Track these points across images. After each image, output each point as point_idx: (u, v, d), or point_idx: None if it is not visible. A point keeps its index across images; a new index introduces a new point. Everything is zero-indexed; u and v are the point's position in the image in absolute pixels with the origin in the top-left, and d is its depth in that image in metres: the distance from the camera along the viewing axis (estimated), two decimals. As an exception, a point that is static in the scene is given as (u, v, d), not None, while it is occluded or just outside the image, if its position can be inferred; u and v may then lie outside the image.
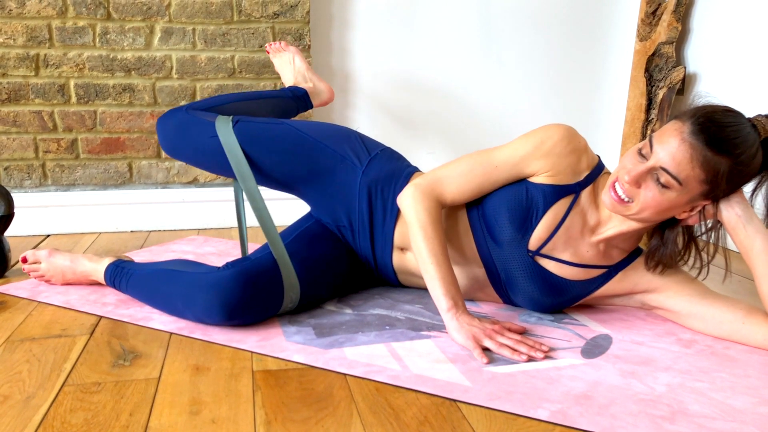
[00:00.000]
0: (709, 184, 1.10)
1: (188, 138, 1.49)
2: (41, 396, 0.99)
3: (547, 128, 1.26)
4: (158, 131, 1.55)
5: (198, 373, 1.08)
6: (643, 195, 1.14)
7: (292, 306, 1.32)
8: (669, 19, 2.18)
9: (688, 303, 1.25)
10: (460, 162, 1.31)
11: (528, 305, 1.34)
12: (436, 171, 1.32)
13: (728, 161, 1.08)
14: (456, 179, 1.30)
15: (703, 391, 1.01)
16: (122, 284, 1.41)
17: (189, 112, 1.52)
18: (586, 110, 2.54)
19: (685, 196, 1.12)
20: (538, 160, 1.25)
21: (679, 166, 1.09)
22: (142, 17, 2.06)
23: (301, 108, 1.81)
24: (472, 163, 1.30)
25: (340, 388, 1.02)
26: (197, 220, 2.20)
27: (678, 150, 1.09)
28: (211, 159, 1.48)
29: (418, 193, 1.28)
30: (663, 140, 1.11)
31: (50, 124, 2.07)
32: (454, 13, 2.35)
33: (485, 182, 1.29)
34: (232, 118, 1.47)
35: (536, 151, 1.25)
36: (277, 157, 1.44)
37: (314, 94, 1.84)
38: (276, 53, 1.96)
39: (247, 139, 1.44)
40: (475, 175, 1.29)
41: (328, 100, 1.89)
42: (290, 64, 1.91)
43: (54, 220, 2.10)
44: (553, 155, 1.24)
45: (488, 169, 1.28)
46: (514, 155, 1.27)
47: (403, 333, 1.24)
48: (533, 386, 1.02)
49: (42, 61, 2.03)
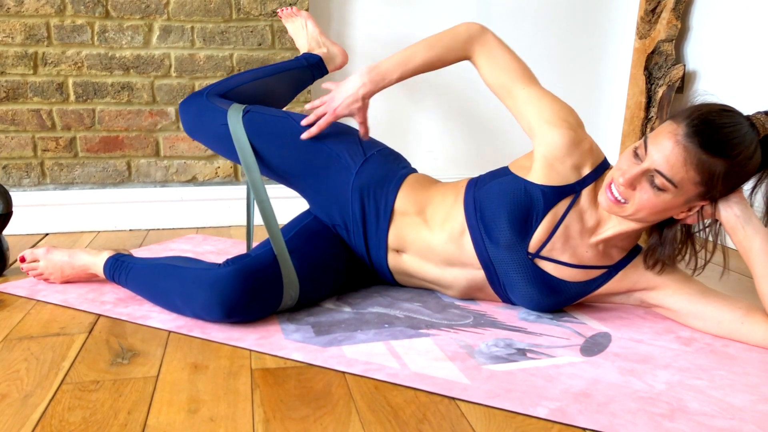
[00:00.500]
0: (704, 186, 1.10)
1: (204, 125, 1.54)
2: (39, 394, 0.99)
3: (560, 130, 1.26)
4: (181, 113, 1.62)
5: (196, 371, 1.07)
6: (638, 197, 1.14)
7: (291, 303, 1.32)
8: (668, 16, 2.18)
9: (688, 301, 1.25)
10: (516, 58, 1.36)
11: (527, 305, 1.34)
12: (498, 40, 1.39)
13: (724, 163, 1.08)
14: (502, 60, 1.35)
15: (702, 388, 1.01)
16: (121, 278, 1.41)
17: (208, 97, 1.57)
18: (586, 108, 2.54)
19: (681, 198, 1.12)
20: (542, 162, 1.25)
21: (673, 169, 1.09)
22: (141, 15, 2.06)
23: (317, 75, 1.84)
24: (525, 72, 1.35)
25: (338, 386, 1.02)
26: (196, 219, 2.20)
27: (672, 152, 1.08)
28: (224, 146, 1.52)
29: (480, 30, 1.38)
30: (657, 142, 1.11)
31: (49, 123, 2.07)
32: (453, 10, 2.35)
33: (504, 89, 1.35)
34: (244, 108, 1.50)
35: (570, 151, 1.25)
36: (278, 151, 1.45)
37: (328, 59, 1.87)
38: (288, 18, 1.99)
39: (253, 130, 1.46)
40: (514, 77, 1.34)
41: (342, 63, 1.93)
42: (303, 29, 1.94)
43: (52, 218, 2.10)
44: (557, 163, 1.25)
45: (525, 92, 1.32)
46: (543, 114, 1.29)
47: (402, 331, 1.24)
48: (532, 384, 1.02)
49: (40, 59, 2.02)
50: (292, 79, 1.75)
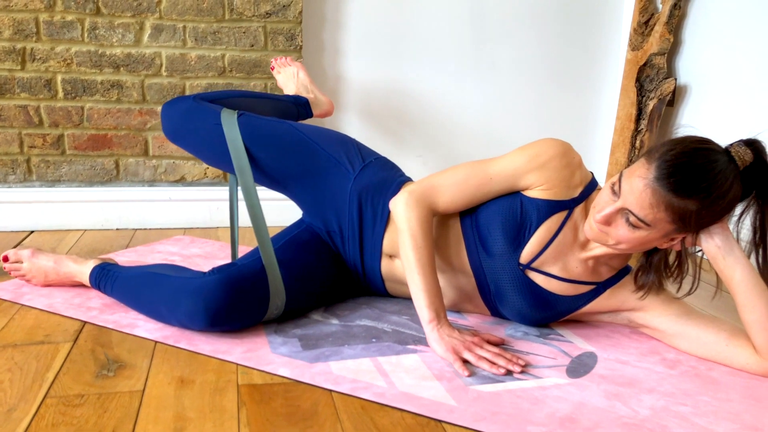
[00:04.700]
0: (678, 224, 1.10)
1: (193, 124, 1.50)
2: (23, 408, 0.98)
3: (542, 142, 1.26)
4: (163, 115, 1.56)
5: (183, 386, 1.07)
6: (615, 232, 1.15)
7: (278, 313, 1.32)
8: (661, 30, 2.19)
9: (674, 323, 1.26)
10: (455, 171, 1.31)
11: (515, 318, 1.35)
12: (430, 178, 1.32)
13: (696, 203, 1.07)
14: (450, 188, 1.29)
15: (686, 415, 1.02)
16: (107, 287, 1.40)
17: (197, 100, 1.54)
18: (577, 117, 2.54)
19: (658, 233, 1.12)
20: (532, 173, 1.25)
21: (643, 210, 1.09)
22: (132, 13, 2.04)
23: (302, 115, 1.83)
24: (467, 172, 1.30)
25: (325, 406, 1.02)
26: (184, 219, 2.19)
27: (642, 195, 1.08)
28: (212, 148, 1.49)
29: (411, 199, 1.28)
30: (630, 182, 1.10)
31: (36, 119, 2.04)
32: (446, 17, 2.34)
33: (479, 192, 1.29)
34: (237, 111, 1.49)
35: (531, 164, 1.25)
36: (275, 154, 1.44)
37: (315, 104, 1.87)
38: (281, 68, 1.99)
39: (248, 132, 1.45)
40: (470, 185, 1.29)
41: (327, 111, 1.93)
42: (294, 77, 1.95)
43: (38, 216, 2.08)
44: (547, 169, 1.24)
45: (483, 179, 1.28)
46: (509, 167, 1.27)
47: (389, 347, 1.24)
48: (518, 407, 1.02)
49: (29, 54, 2.00)
50: (279, 108, 1.74)
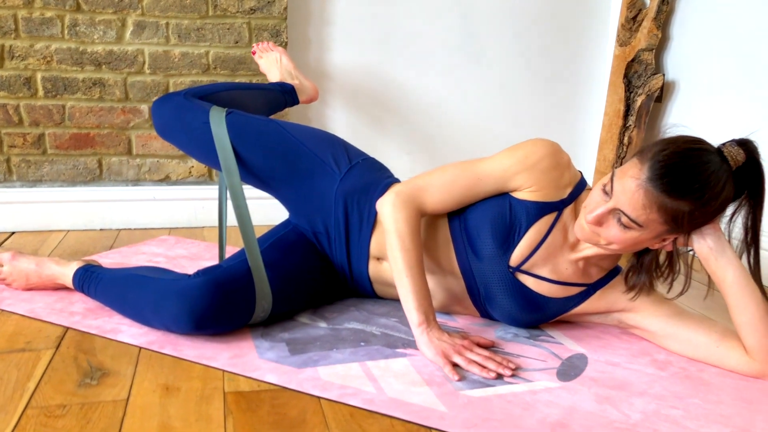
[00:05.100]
0: (671, 225, 1.09)
1: (183, 121, 1.49)
2: (3, 420, 0.95)
3: (531, 143, 1.25)
4: (154, 112, 1.55)
5: (168, 394, 1.05)
6: (606, 232, 1.14)
7: (264, 316, 1.30)
8: (649, 25, 2.18)
9: (665, 323, 1.25)
10: (443, 171, 1.29)
11: (505, 320, 1.34)
12: (417, 179, 1.30)
13: (689, 204, 1.06)
14: (438, 189, 1.28)
15: (677, 419, 1.01)
16: (90, 289, 1.37)
17: (187, 97, 1.52)
18: (565, 113, 2.54)
19: (650, 234, 1.12)
20: (521, 175, 1.23)
21: (636, 211, 1.08)
22: (114, 10, 2.00)
23: (289, 102, 1.83)
24: (456, 173, 1.28)
25: (313, 414, 1.00)
26: (168, 219, 2.16)
27: (634, 195, 1.07)
28: (201, 147, 1.47)
29: (398, 200, 1.26)
30: (623, 182, 1.09)
31: (15, 118, 2.00)
32: (433, 13, 2.32)
33: (467, 194, 1.28)
34: (227, 109, 1.47)
35: (520, 166, 1.23)
36: (261, 153, 1.43)
37: (300, 90, 1.86)
38: (263, 53, 1.97)
39: (236, 131, 1.43)
40: (458, 186, 1.27)
41: (313, 97, 1.92)
42: (277, 63, 1.93)
43: (19, 217, 2.04)
44: (536, 171, 1.23)
45: (471, 180, 1.27)
46: (498, 169, 1.25)
47: (378, 350, 1.22)
48: (509, 413, 1.01)
49: (7, 52, 1.95)
50: (267, 99, 1.73)
